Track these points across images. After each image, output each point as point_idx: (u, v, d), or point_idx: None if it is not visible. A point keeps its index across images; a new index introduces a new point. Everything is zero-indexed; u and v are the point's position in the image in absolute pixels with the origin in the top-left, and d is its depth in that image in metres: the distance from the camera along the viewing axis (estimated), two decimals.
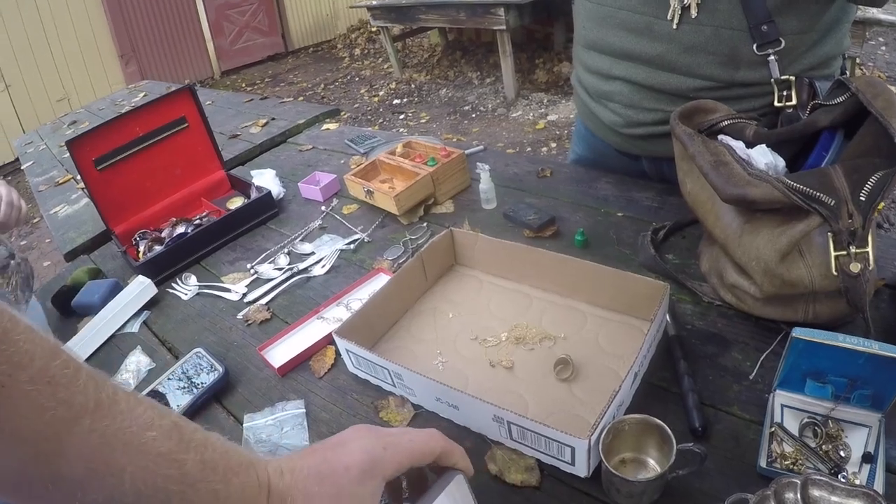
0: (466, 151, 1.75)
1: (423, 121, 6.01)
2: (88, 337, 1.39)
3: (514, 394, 1.02)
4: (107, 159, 1.70)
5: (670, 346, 1.02)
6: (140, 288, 1.47)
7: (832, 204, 0.86)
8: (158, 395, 1.14)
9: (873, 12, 3.97)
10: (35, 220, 5.55)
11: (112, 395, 0.56)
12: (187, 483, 0.57)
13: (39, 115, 7.03)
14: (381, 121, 6.25)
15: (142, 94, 3.88)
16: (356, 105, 6.88)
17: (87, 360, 1.37)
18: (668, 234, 1.30)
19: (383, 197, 1.55)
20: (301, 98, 7.38)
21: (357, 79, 7.90)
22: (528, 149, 4.92)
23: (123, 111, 3.38)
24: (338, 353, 1.17)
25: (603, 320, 1.12)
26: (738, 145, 1.07)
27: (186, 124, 1.86)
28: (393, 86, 7.16)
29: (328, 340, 1.21)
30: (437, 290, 1.29)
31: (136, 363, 1.28)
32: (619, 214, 1.41)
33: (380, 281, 1.35)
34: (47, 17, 7.27)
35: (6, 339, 0.49)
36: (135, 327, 1.41)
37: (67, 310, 1.54)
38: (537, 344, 1.11)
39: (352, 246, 1.51)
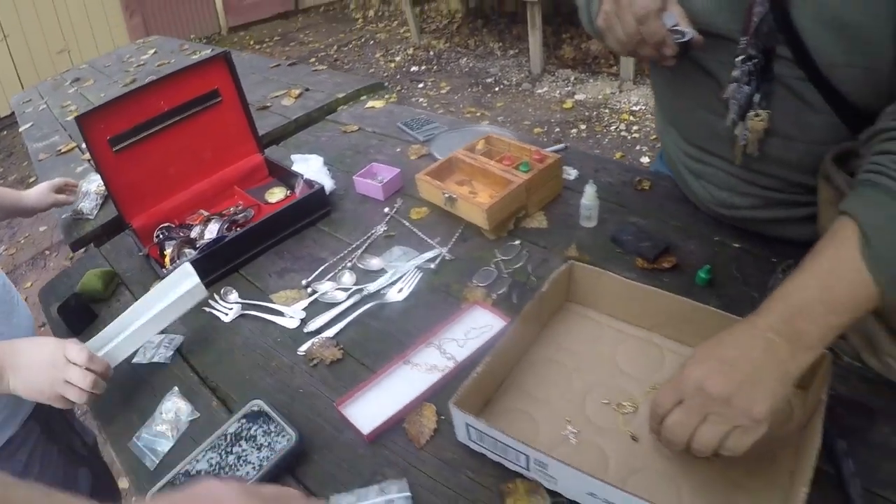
0: (547, 150, 1.48)
1: (443, 91, 5.70)
2: (116, 340, 1.10)
3: (666, 478, 0.85)
4: (124, 139, 1.46)
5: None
6: (188, 286, 1.14)
7: None
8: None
9: None
10: (32, 181, 5.25)
11: None
12: None
13: (38, 69, 6.63)
14: (399, 88, 5.93)
15: (151, 51, 3.58)
16: (372, 70, 6.54)
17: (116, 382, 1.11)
18: None
19: (469, 207, 1.29)
20: (313, 59, 7.04)
21: (372, 42, 7.54)
22: (557, 129, 4.64)
23: (134, 73, 3.15)
24: (439, 413, 0.95)
25: None
26: None
27: (220, 98, 1.60)
28: (410, 52, 6.81)
29: (425, 396, 0.97)
30: (550, 335, 1.05)
31: (175, 410, 1.03)
32: (736, 246, 1.20)
33: (476, 317, 1.11)
34: None
35: None
36: (166, 356, 1.16)
37: (77, 324, 1.28)
38: None
39: (432, 265, 1.25)
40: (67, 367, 0.98)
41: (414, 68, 6.40)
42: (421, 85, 5.95)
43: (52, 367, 0.99)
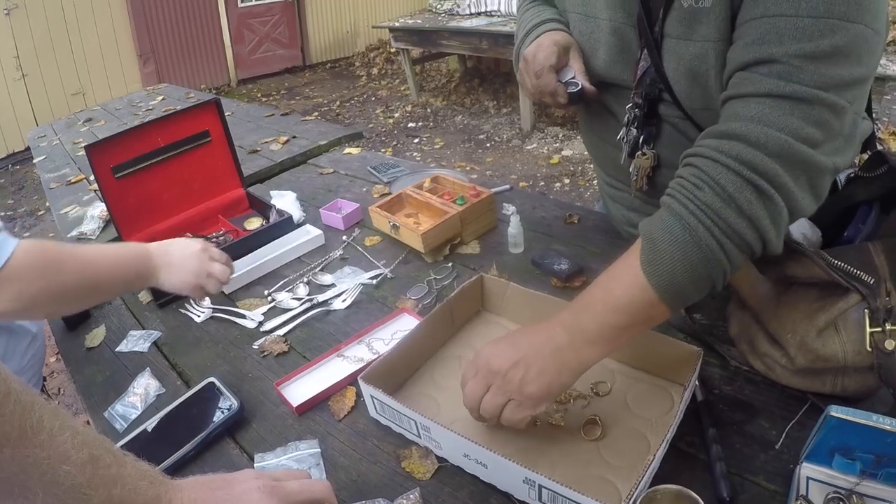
0: (492, 190, 1.71)
1: (437, 146, 5.99)
2: (246, 267, 1.53)
3: (540, 452, 0.98)
4: (125, 167, 1.66)
5: (699, 412, 0.99)
6: (310, 236, 1.63)
7: (871, 282, 0.88)
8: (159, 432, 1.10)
9: (893, 69, 4.02)
10: (41, 213, 5.51)
11: (37, 423, 0.63)
12: None
13: (53, 108, 7.03)
14: (395, 143, 6.23)
15: (160, 98, 3.86)
16: (371, 125, 6.86)
17: (99, 365, 1.32)
18: None
19: (409, 233, 1.51)
20: (316, 114, 7.37)
21: (373, 98, 7.91)
22: (542, 183, 4.89)
23: (142, 116, 3.41)
24: (359, 395, 1.13)
25: (632, 380, 1.09)
26: None
27: (209, 138, 1.82)
28: (409, 108, 7.16)
29: (349, 381, 1.16)
30: (462, 337, 1.25)
31: (145, 386, 1.23)
32: None
33: (403, 321, 1.31)
34: (70, 10, 7.26)
35: None
36: (144, 347, 1.37)
37: (73, 322, 1.49)
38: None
39: (374, 281, 1.46)
40: (211, 263, 1.30)
41: (411, 124, 6.70)
42: (416, 140, 6.23)
43: (198, 262, 1.29)
